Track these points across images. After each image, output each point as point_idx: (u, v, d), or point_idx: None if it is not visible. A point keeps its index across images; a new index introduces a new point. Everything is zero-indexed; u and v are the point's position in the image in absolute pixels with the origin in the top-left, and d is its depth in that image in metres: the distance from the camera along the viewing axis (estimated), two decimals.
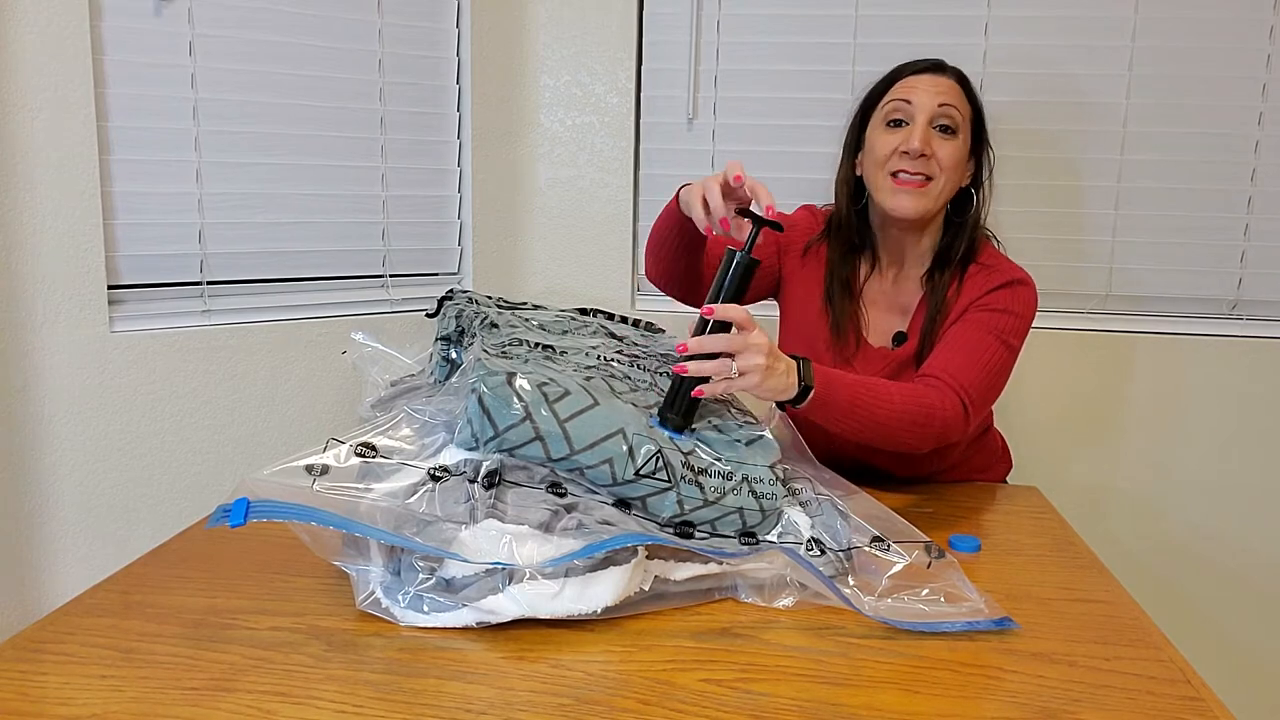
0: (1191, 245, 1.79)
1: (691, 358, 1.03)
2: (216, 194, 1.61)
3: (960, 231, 1.33)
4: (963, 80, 1.32)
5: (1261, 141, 1.74)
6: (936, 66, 1.32)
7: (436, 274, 1.88)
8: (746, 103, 1.88)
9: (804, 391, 1.09)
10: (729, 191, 1.11)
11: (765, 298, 1.47)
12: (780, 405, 1.13)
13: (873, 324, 1.38)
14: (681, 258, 1.30)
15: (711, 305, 1.04)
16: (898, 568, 0.97)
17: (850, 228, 1.38)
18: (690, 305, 1.37)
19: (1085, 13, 1.76)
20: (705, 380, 1.03)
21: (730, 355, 1.02)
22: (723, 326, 1.05)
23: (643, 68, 1.90)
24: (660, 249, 1.31)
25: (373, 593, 0.90)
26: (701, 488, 0.98)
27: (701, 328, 1.05)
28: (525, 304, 1.41)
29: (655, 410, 1.04)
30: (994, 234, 1.40)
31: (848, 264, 1.38)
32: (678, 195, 1.21)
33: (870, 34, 1.82)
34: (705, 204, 1.11)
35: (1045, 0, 1.76)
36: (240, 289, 1.67)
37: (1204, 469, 1.81)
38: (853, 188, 1.38)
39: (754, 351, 1.02)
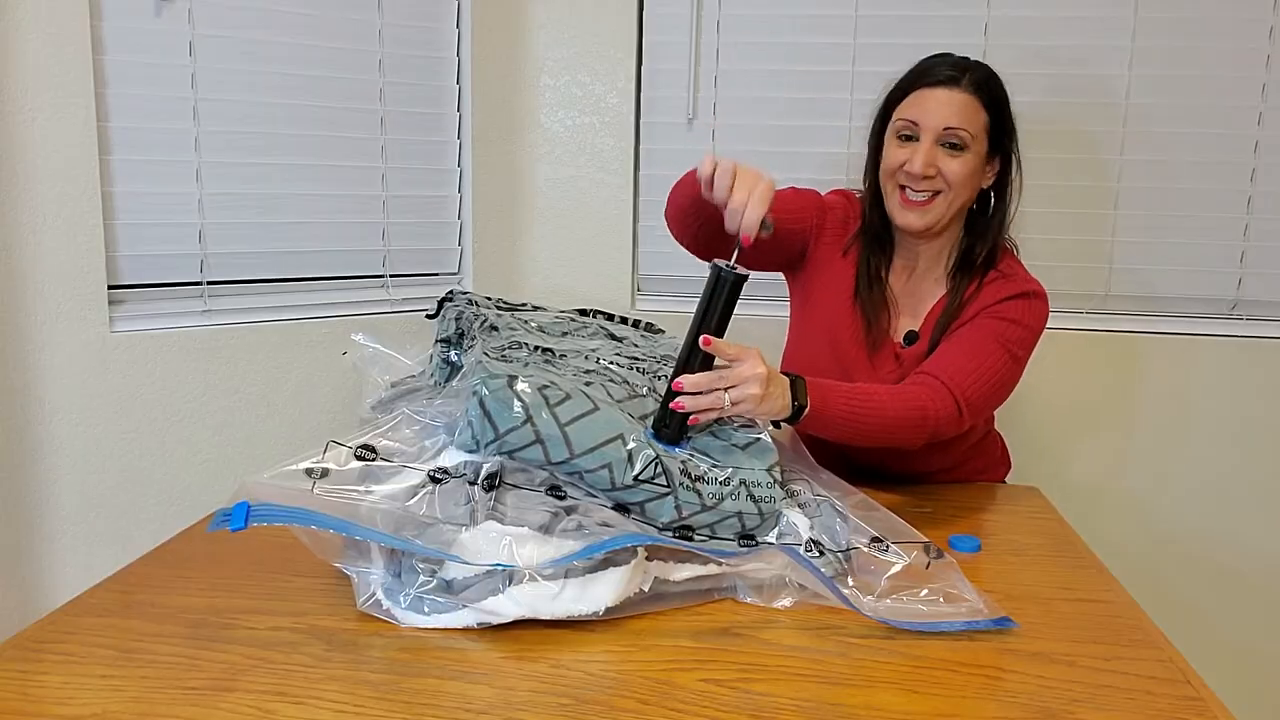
0: (1191, 245, 1.79)
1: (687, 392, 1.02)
2: (216, 194, 1.61)
3: (985, 233, 1.32)
4: (981, 88, 1.26)
5: (1261, 141, 1.74)
6: (952, 80, 1.26)
7: (436, 274, 1.88)
8: (746, 103, 1.88)
9: (799, 410, 1.10)
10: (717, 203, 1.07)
11: (786, 263, 1.42)
12: (775, 423, 1.13)
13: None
14: (703, 223, 1.25)
15: (708, 336, 1.03)
16: (896, 568, 0.97)
17: (877, 226, 1.36)
18: (703, 259, 1.32)
19: (1085, 13, 1.76)
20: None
21: (724, 388, 1.03)
22: (710, 356, 1.04)
23: (643, 68, 1.90)
24: (682, 217, 1.27)
25: (374, 594, 0.90)
26: (699, 494, 0.98)
27: (689, 350, 1.04)
28: (525, 305, 1.41)
29: (650, 421, 1.04)
30: (1014, 242, 1.38)
31: (875, 261, 1.36)
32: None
33: (870, 34, 1.82)
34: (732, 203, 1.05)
35: (1045, 0, 1.76)
36: (240, 289, 1.67)
37: (1204, 469, 1.81)
38: (875, 188, 1.35)
39: (749, 383, 1.03)
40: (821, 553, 0.99)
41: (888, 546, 0.98)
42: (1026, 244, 1.77)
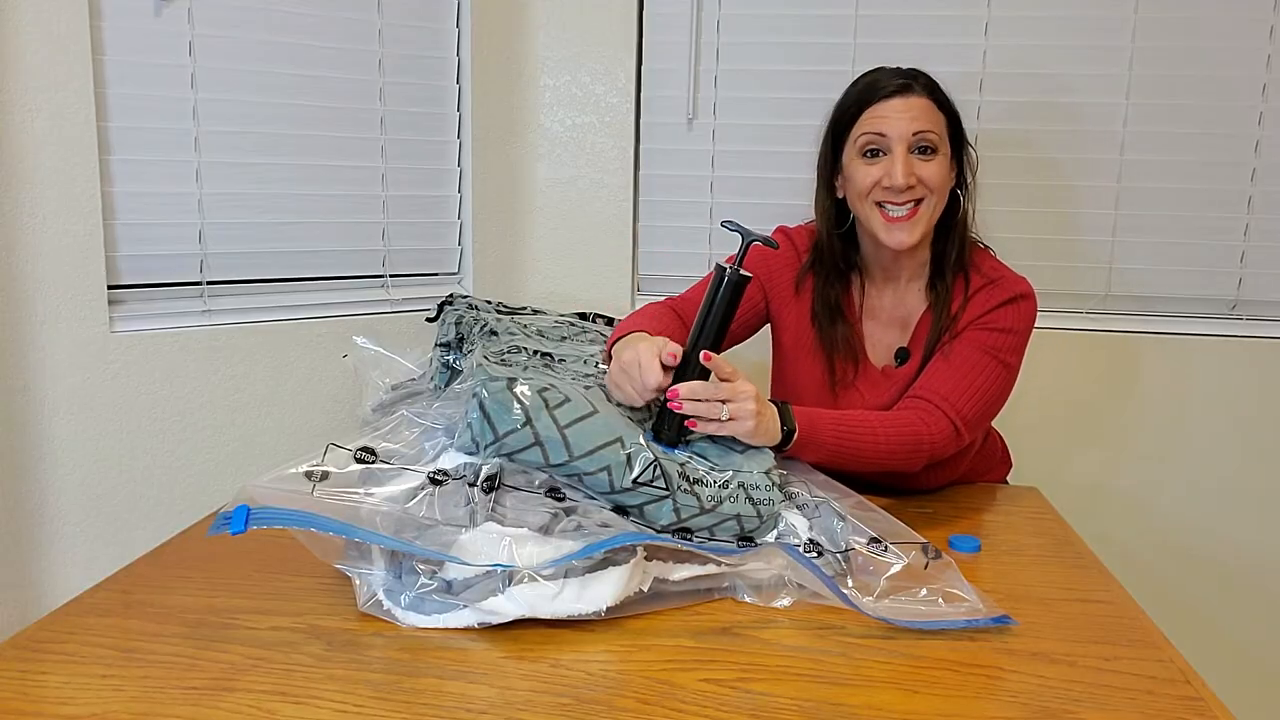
0: (1191, 245, 1.79)
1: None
2: (216, 194, 1.61)
3: (951, 234, 1.31)
4: (933, 91, 1.27)
5: (1261, 141, 1.74)
6: (904, 87, 1.25)
7: (436, 274, 1.88)
8: (746, 103, 1.88)
9: (788, 435, 1.10)
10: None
11: (752, 334, 1.43)
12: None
13: (872, 341, 1.35)
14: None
15: (708, 352, 1.04)
16: (895, 569, 0.97)
17: (836, 253, 1.34)
18: None
19: (1085, 13, 1.76)
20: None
21: (720, 400, 1.03)
22: (705, 369, 1.05)
23: (643, 68, 1.90)
24: None
25: (374, 595, 0.91)
26: (698, 497, 0.98)
27: (683, 365, 1.05)
28: (525, 309, 1.42)
29: (649, 425, 1.04)
30: (985, 243, 1.37)
31: (836, 288, 1.34)
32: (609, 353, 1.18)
33: (870, 34, 1.82)
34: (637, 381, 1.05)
35: (1045, 0, 1.76)
36: (240, 289, 1.67)
37: (1204, 469, 1.81)
38: (834, 211, 1.34)
39: (745, 398, 1.04)
40: (820, 553, 0.99)
41: (886, 547, 0.98)
42: (1026, 244, 1.79)
